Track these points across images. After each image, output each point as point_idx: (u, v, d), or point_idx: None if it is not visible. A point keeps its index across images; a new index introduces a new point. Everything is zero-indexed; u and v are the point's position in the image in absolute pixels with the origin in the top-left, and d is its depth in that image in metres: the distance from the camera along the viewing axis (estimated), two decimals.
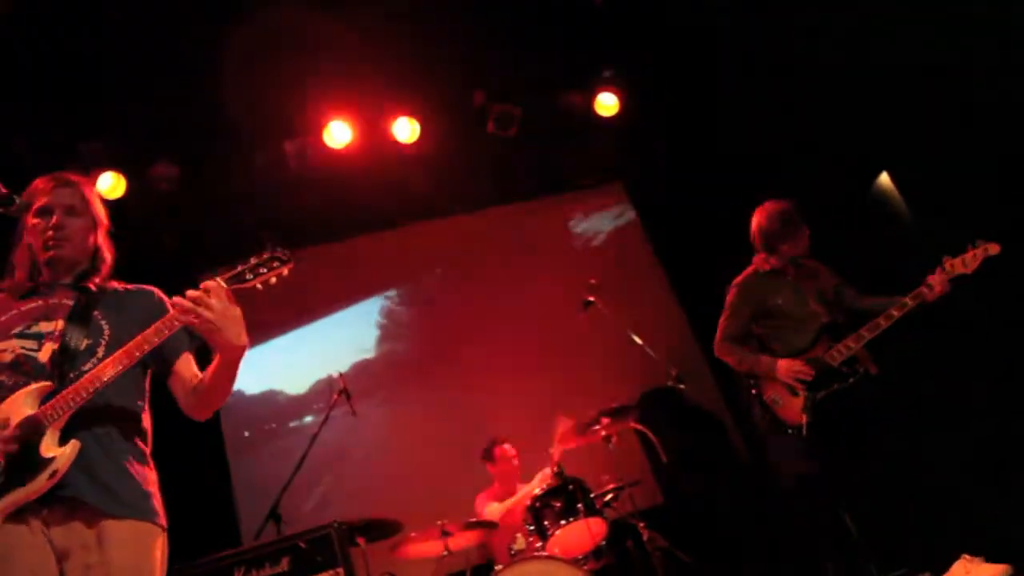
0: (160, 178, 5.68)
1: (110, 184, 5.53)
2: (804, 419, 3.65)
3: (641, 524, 4.40)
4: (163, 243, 5.89)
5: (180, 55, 5.11)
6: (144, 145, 5.64)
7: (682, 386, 4.64)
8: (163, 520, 2.14)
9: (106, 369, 2.01)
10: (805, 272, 4.03)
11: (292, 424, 6.04)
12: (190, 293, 2.01)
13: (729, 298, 4.08)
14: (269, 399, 6.11)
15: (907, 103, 4.91)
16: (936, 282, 3.65)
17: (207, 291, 2.00)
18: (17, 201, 2.14)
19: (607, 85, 6.49)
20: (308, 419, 5.98)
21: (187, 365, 2.29)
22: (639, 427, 4.75)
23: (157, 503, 2.15)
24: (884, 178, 5.62)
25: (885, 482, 3.65)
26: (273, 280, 2.13)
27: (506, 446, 5.08)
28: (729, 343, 4.01)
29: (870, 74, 5.07)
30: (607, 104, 6.48)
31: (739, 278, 4.10)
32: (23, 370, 2.08)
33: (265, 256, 2.13)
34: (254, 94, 5.40)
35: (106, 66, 5.03)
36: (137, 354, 2.03)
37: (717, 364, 6.30)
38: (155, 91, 5.25)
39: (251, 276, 2.10)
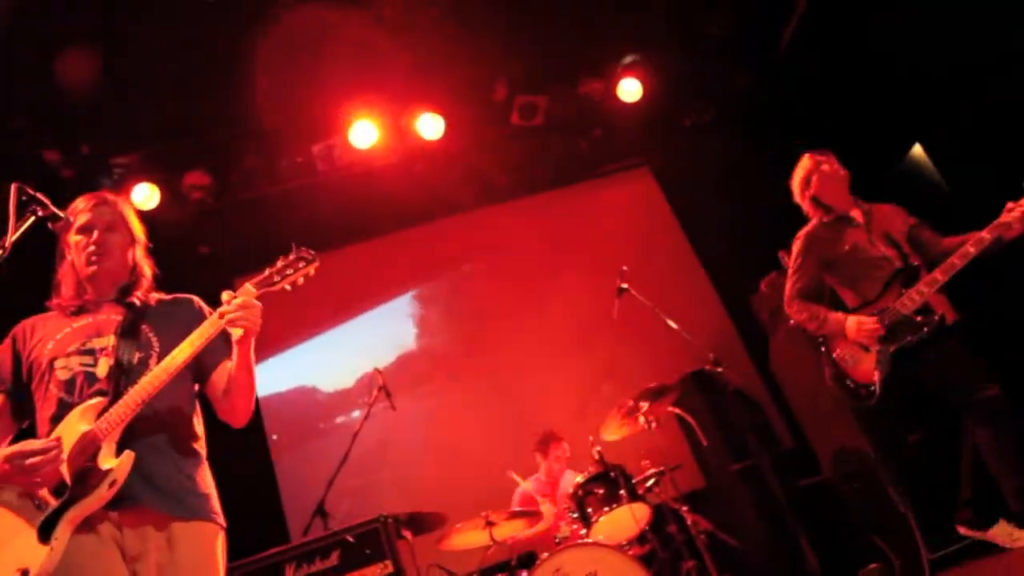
0: (192, 187, 5.79)
1: (145, 195, 5.64)
2: (877, 376, 3.37)
3: (684, 508, 4.40)
4: (198, 250, 6.01)
5: (205, 65, 5.18)
6: (175, 155, 5.74)
7: (720, 368, 4.61)
8: (222, 519, 2.23)
9: (150, 383, 2.07)
10: (875, 215, 3.68)
11: (333, 421, 6.13)
12: (236, 302, 2.10)
13: (794, 252, 3.75)
14: (309, 397, 6.22)
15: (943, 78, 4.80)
16: (1018, 214, 3.23)
17: (246, 295, 2.09)
18: (62, 218, 2.20)
19: (629, 71, 6.45)
20: (349, 416, 6.06)
21: (223, 374, 2.35)
22: (678, 411, 4.74)
23: (215, 503, 2.23)
24: (917, 149, 5.52)
25: (946, 448, 3.41)
26: (300, 281, 2.22)
27: (564, 445, 5.06)
28: (799, 300, 3.65)
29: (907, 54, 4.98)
30: (630, 90, 6.44)
31: (803, 230, 3.77)
32: (82, 387, 2.16)
33: (291, 257, 2.21)
34: (279, 99, 5.48)
35: (134, 79, 5.11)
36: (164, 379, 2.09)
37: (755, 346, 6.30)
38: (183, 102, 5.33)
39: (278, 279, 2.20)
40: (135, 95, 5.17)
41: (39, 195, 2.14)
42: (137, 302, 2.36)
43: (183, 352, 2.11)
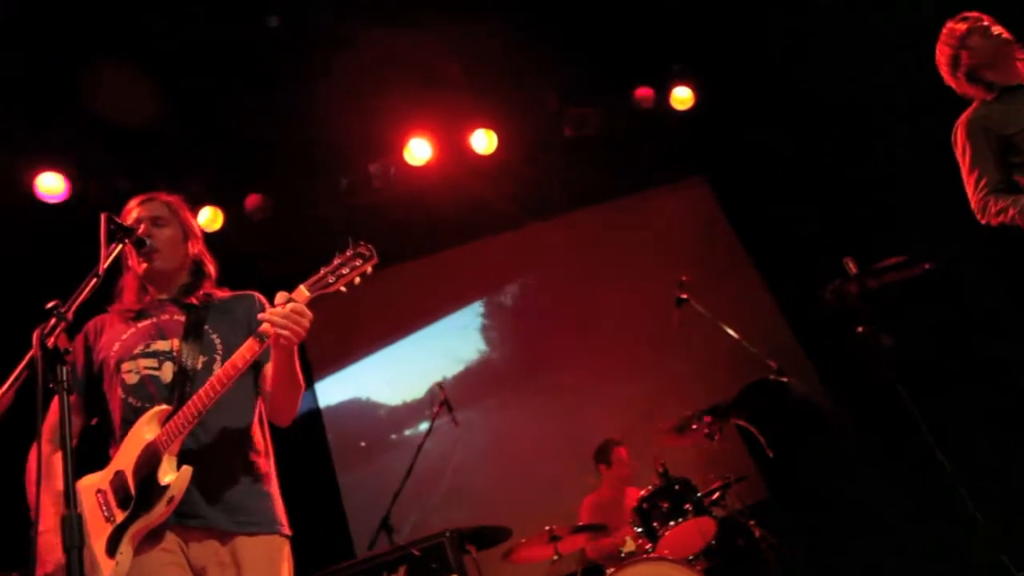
0: (254, 209, 5.94)
1: (208, 218, 5.81)
2: None
3: (751, 522, 4.32)
4: (261, 270, 6.16)
5: (264, 87, 5.33)
6: (236, 178, 5.90)
7: (785, 378, 4.52)
8: (287, 529, 2.20)
9: (207, 393, 2.02)
10: None
11: (396, 436, 6.21)
12: (283, 311, 2.00)
13: (959, 146, 3.11)
14: (371, 412, 6.31)
15: None
16: None
17: (291, 304, 2.00)
18: (147, 244, 2.27)
19: (681, 79, 6.40)
20: (412, 430, 6.13)
21: (269, 373, 2.28)
22: (742, 422, 4.66)
23: (279, 512, 2.21)
24: None
25: None
26: (356, 280, 2.04)
27: (623, 449, 5.06)
28: (995, 195, 2.94)
29: None
30: (681, 98, 6.39)
31: (963, 116, 3.13)
32: (148, 392, 2.16)
33: (348, 254, 2.06)
34: (336, 120, 5.59)
35: (197, 104, 5.27)
36: (229, 379, 2.03)
37: (817, 354, 6.16)
38: (242, 126, 5.48)
39: (333, 280, 2.03)
40: (198, 119, 5.34)
41: (125, 224, 2.23)
42: (198, 302, 2.33)
43: (235, 366, 2.03)
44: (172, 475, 2.01)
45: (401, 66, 5.47)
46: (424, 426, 4.93)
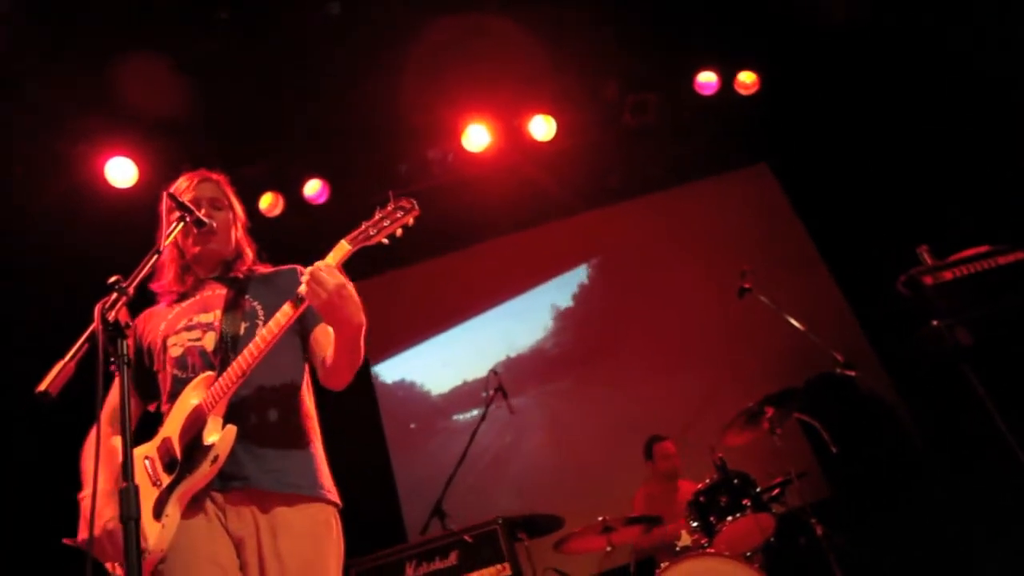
0: (313, 194, 6.02)
1: (268, 203, 5.90)
2: None
3: (813, 519, 4.18)
4: (320, 256, 6.23)
5: (322, 75, 5.37)
6: (296, 164, 5.97)
7: (852, 372, 4.35)
8: (333, 496, 2.15)
9: (250, 353, 2.01)
10: None
11: (449, 421, 6.24)
12: (305, 276, 1.97)
13: None
14: (426, 397, 6.36)
15: None
16: None
17: (319, 270, 1.96)
18: (206, 224, 2.25)
19: (744, 63, 6.21)
20: (466, 416, 6.14)
21: (324, 333, 2.23)
22: (805, 417, 4.51)
23: (324, 478, 2.16)
24: None
25: None
26: (399, 231, 2.05)
27: (665, 443, 5.00)
28: None
29: None
30: (746, 82, 6.21)
31: None
32: (192, 361, 2.17)
33: (389, 208, 2.06)
34: (395, 107, 5.61)
35: (253, 92, 5.35)
36: (272, 339, 2.02)
37: (886, 348, 5.93)
38: (303, 112, 5.55)
39: (375, 232, 2.04)
40: (259, 105, 5.42)
41: (186, 202, 2.25)
42: (239, 275, 2.34)
43: (277, 323, 2.02)
44: (216, 435, 2.01)
45: (460, 52, 5.44)
46: (478, 412, 4.92)
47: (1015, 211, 4.30)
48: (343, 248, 2.04)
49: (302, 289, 1.98)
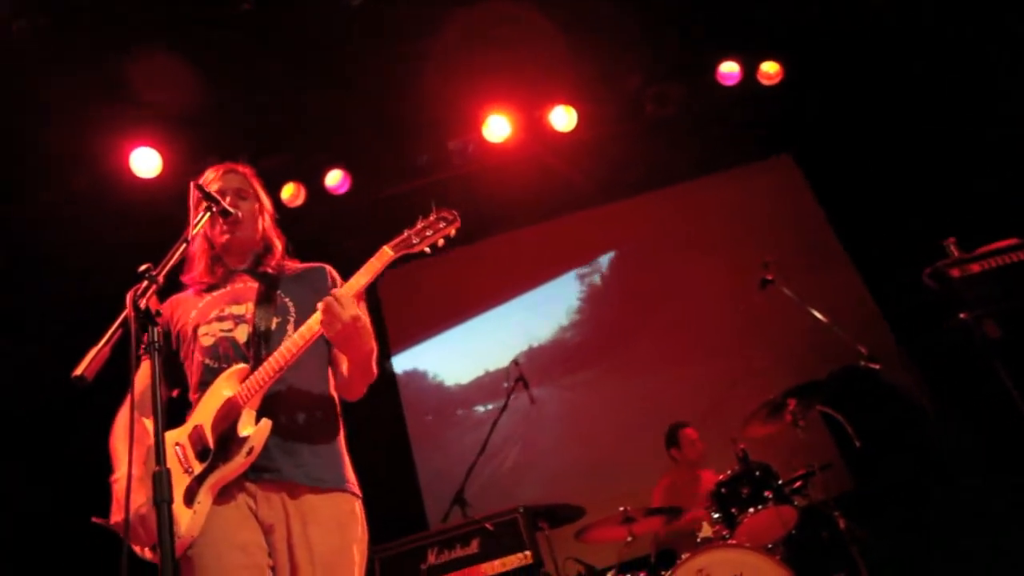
0: (334, 184, 6.04)
1: (290, 193, 5.93)
2: None
3: (836, 512, 4.15)
4: (342, 246, 6.27)
5: (343, 64, 5.37)
6: (317, 154, 6.00)
7: (876, 365, 4.30)
8: (356, 488, 2.23)
9: (288, 350, 2.08)
10: None
11: (470, 411, 6.27)
12: (321, 305, 2.03)
13: None
14: (447, 387, 6.40)
15: None
16: None
17: (334, 303, 2.01)
18: (232, 213, 2.28)
19: (768, 52, 6.14)
20: (487, 406, 6.17)
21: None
22: (828, 410, 4.48)
23: (348, 472, 2.24)
24: None
25: None
26: (441, 242, 2.14)
27: (690, 429, 4.98)
28: None
29: None
30: (769, 72, 6.13)
31: None
32: (224, 352, 2.21)
33: (431, 218, 2.14)
34: (415, 97, 5.61)
35: (275, 83, 5.37)
36: (307, 341, 2.09)
37: (911, 341, 5.86)
38: (322, 102, 5.56)
39: (417, 240, 2.12)
40: (280, 96, 5.44)
41: (212, 192, 2.27)
42: (270, 271, 2.38)
43: (310, 328, 2.09)
44: (251, 428, 2.06)
45: (481, 42, 5.43)
46: (499, 402, 4.93)
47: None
48: (385, 254, 2.12)
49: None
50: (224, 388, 2.12)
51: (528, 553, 3.75)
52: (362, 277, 2.12)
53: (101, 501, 2.09)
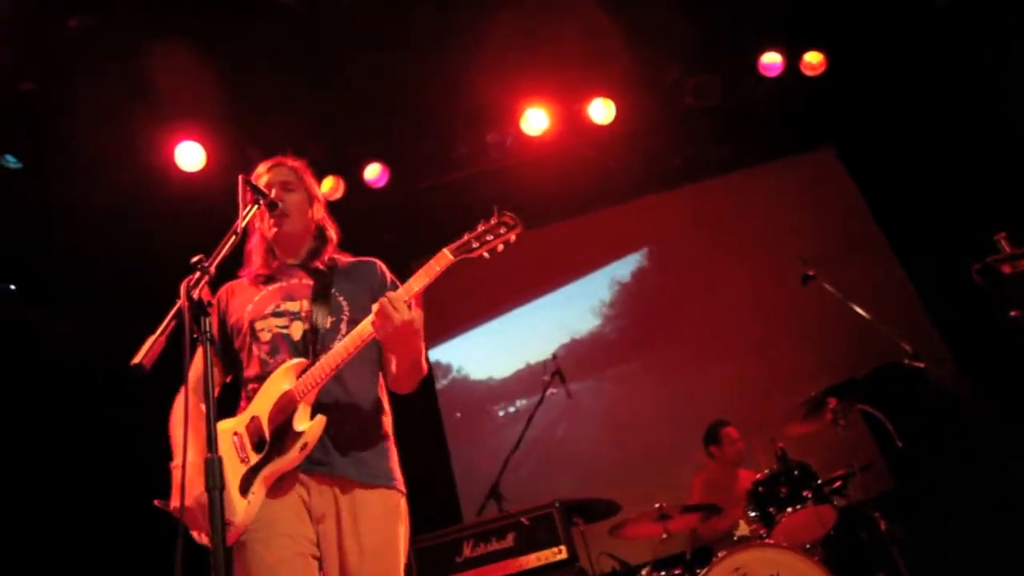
0: (373, 178, 6.09)
1: (329, 186, 5.99)
2: None
3: (876, 513, 4.08)
4: (381, 239, 6.32)
5: (382, 57, 5.40)
6: (356, 148, 6.04)
7: (920, 364, 4.22)
8: (402, 486, 2.29)
9: (345, 348, 2.12)
10: None
11: (507, 405, 6.29)
12: (375, 307, 2.05)
13: None
14: (484, 382, 6.41)
15: None
16: None
17: (387, 306, 2.02)
18: (279, 206, 2.35)
19: (811, 43, 6.02)
20: (524, 400, 6.18)
21: None
22: (869, 409, 4.40)
23: (396, 470, 2.29)
24: None
25: None
26: (500, 247, 2.13)
27: (731, 428, 4.94)
28: None
29: None
30: (812, 63, 6.01)
31: None
32: (281, 348, 2.27)
33: (492, 222, 2.13)
34: (454, 89, 5.62)
35: (315, 77, 5.41)
36: (362, 341, 2.12)
37: (957, 339, 5.73)
38: (363, 96, 5.59)
39: (477, 244, 2.11)
40: (317, 90, 5.49)
41: (259, 186, 2.32)
42: (323, 267, 2.41)
43: (365, 329, 2.12)
44: (307, 423, 2.12)
45: (520, 35, 5.41)
46: (536, 396, 4.94)
47: None
48: (445, 258, 2.11)
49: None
50: (282, 381, 2.17)
51: (563, 548, 3.76)
52: (419, 280, 2.11)
53: (161, 486, 2.16)
